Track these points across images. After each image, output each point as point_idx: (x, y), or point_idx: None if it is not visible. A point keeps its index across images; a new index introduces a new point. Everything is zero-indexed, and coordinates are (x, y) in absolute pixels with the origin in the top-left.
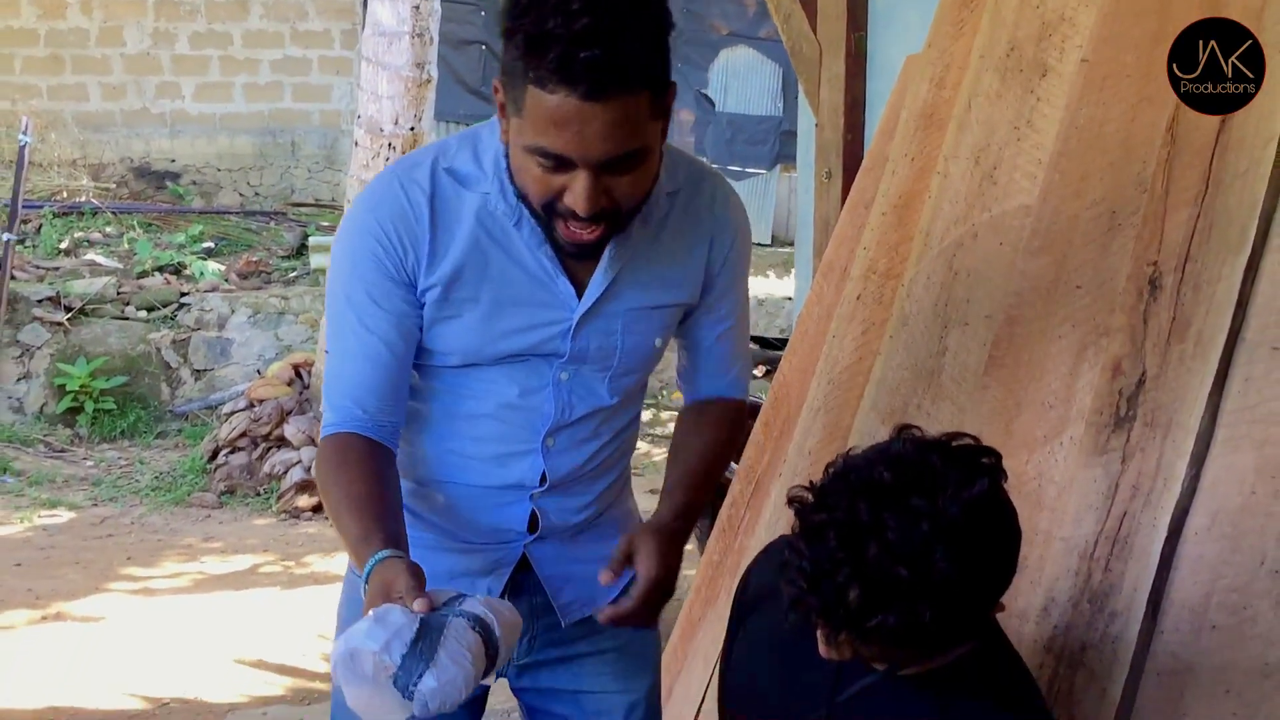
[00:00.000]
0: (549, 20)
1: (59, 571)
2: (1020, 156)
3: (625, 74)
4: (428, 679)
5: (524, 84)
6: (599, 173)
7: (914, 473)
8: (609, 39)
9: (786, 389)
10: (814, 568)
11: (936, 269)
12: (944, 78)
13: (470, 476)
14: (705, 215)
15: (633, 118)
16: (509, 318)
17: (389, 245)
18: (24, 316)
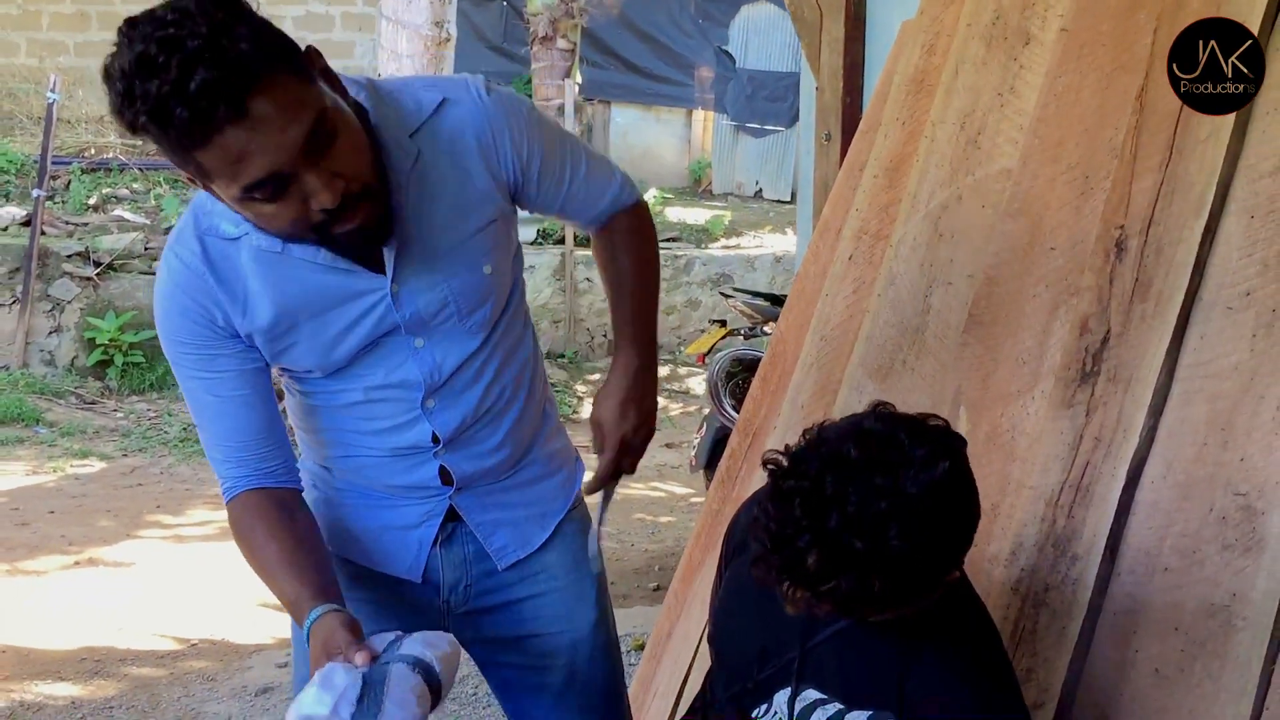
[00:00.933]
0: (150, 86)
1: (91, 519)
2: (1003, 122)
3: (241, 74)
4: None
5: (186, 153)
6: (312, 164)
7: (880, 451)
8: (203, 60)
9: (783, 345)
10: (778, 530)
11: (923, 230)
12: (934, 44)
13: (369, 448)
14: (464, 133)
15: (285, 103)
16: (332, 324)
17: (194, 308)
18: (54, 271)
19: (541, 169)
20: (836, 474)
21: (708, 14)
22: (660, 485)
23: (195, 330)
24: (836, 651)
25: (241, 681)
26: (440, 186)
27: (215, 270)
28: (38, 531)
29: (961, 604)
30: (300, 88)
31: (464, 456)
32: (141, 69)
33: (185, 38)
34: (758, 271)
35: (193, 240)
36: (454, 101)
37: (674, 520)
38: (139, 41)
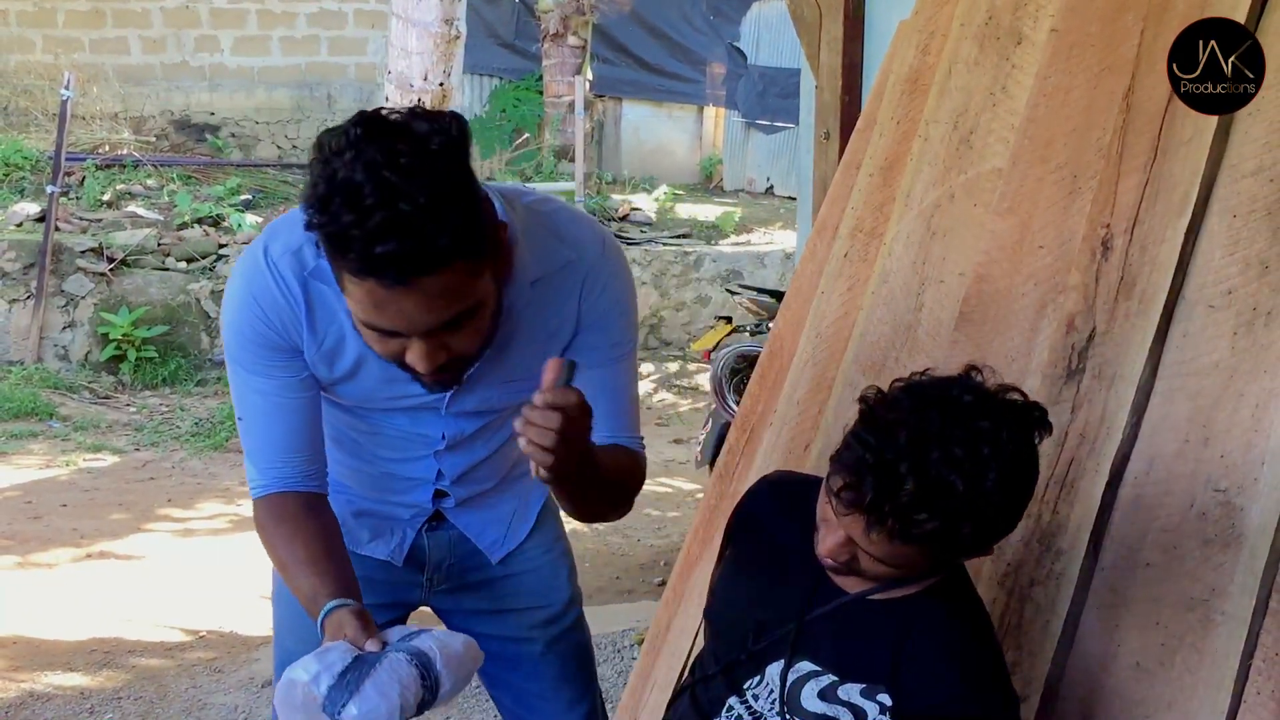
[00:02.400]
0: (344, 216)
1: (102, 512)
2: (995, 122)
3: (431, 259)
4: (350, 708)
5: (339, 269)
6: (432, 336)
7: (986, 402)
8: (408, 230)
9: (781, 342)
10: (877, 458)
11: (916, 229)
12: (929, 44)
13: (369, 467)
14: (571, 291)
15: (451, 289)
16: (387, 389)
17: (270, 324)
18: (68, 267)
19: (598, 339)
20: (943, 413)
21: (719, 10)
22: (667, 480)
23: (263, 337)
24: (833, 626)
25: (249, 673)
26: (532, 328)
27: (308, 302)
28: (50, 524)
29: (958, 586)
30: (468, 279)
31: (460, 487)
32: (348, 195)
33: (399, 197)
34: (768, 268)
35: (298, 268)
36: (578, 263)
37: (680, 515)
38: (360, 166)
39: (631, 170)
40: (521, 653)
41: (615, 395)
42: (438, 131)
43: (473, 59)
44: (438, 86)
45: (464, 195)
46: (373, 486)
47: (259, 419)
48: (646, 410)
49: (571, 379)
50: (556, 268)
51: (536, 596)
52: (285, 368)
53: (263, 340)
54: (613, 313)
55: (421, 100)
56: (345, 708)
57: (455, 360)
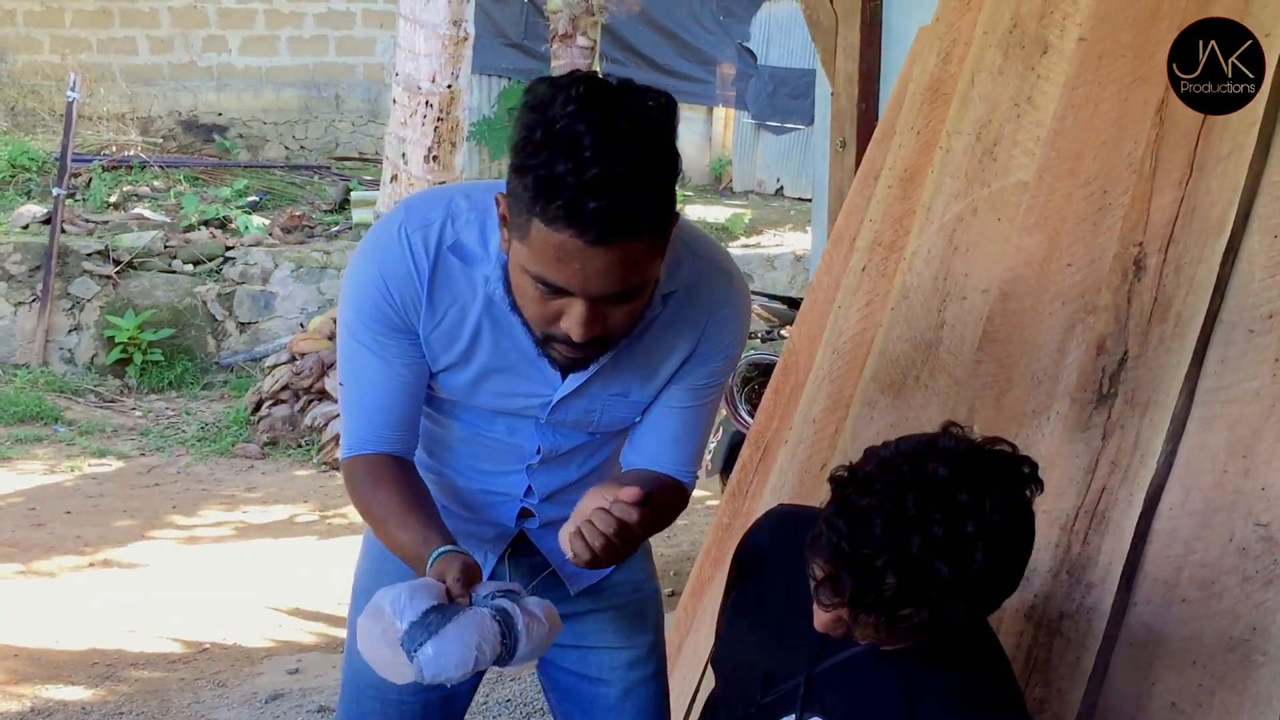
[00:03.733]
0: (559, 164)
1: (106, 519)
2: (1020, 133)
3: (632, 223)
4: (427, 647)
5: (529, 216)
6: (596, 303)
7: (964, 471)
8: (619, 189)
9: (796, 357)
10: (852, 550)
11: (937, 243)
12: (950, 52)
13: (459, 479)
14: (700, 314)
15: (635, 259)
16: (495, 382)
17: (390, 297)
18: (74, 270)
19: (696, 374)
20: (919, 493)
21: (729, 11)
22: None
23: (382, 312)
24: (844, 679)
25: (252, 688)
26: (656, 342)
27: (433, 282)
28: (53, 532)
29: (974, 634)
30: (650, 256)
31: (549, 507)
32: (568, 144)
33: (617, 157)
34: (778, 270)
35: (434, 240)
36: (707, 283)
37: (689, 523)
38: (582, 117)
39: None
40: (597, 694)
41: (694, 430)
42: (655, 106)
43: (481, 59)
44: (445, 88)
45: (669, 171)
46: (460, 501)
47: (363, 388)
48: None
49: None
50: (690, 284)
51: (620, 636)
52: (396, 346)
53: (381, 317)
54: (725, 349)
55: (429, 102)
56: (422, 646)
57: (601, 338)
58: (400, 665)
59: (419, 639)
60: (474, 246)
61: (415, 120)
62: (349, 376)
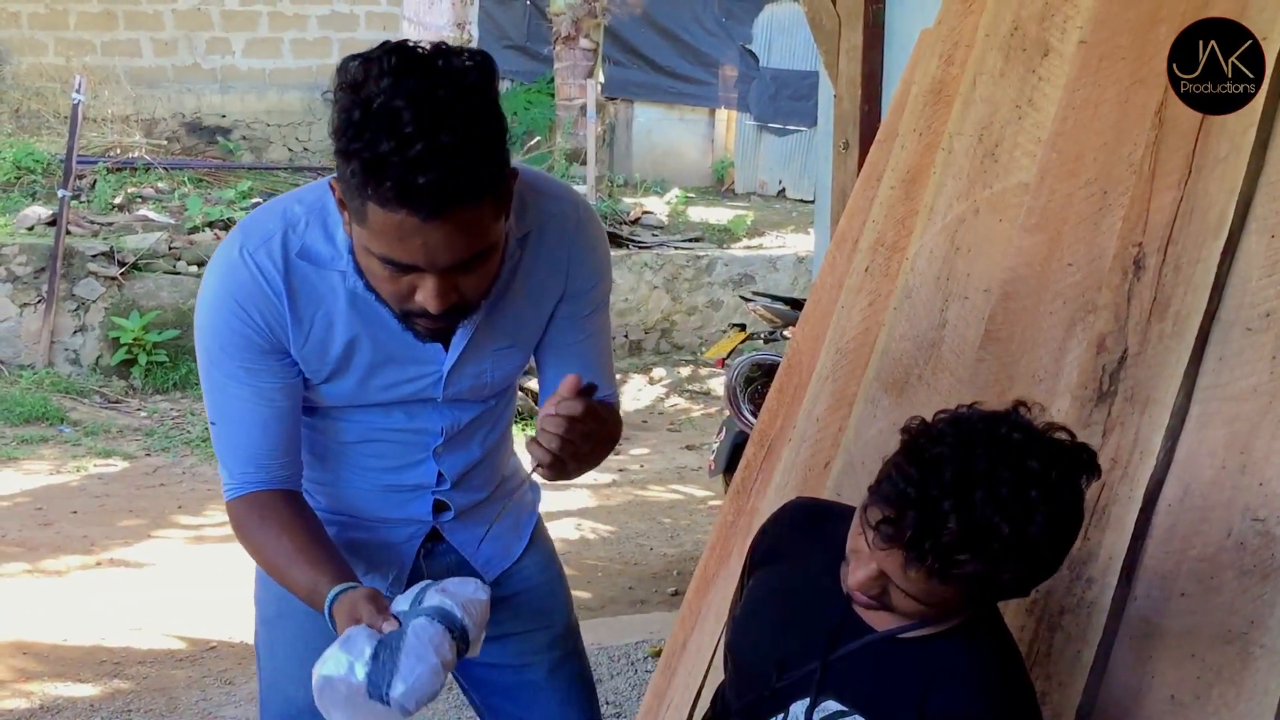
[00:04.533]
0: (382, 144)
1: (113, 519)
2: (1021, 135)
3: (467, 191)
4: (396, 684)
5: (363, 199)
6: (446, 274)
7: (1035, 441)
8: (447, 160)
9: (799, 356)
10: (919, 494)
11: (939, 243)
12: (952, 54)
13: (365, 483)
14: (559, 247)
15: (476, 225)
16: (382, 376)
17: (250, 321)
18: (79, 271)
19: (573, 309)
20: (991, 451)
21: (731, 13)
22: (679, 488)
23: (245, 338)
24: (860, 665)
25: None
26: (522, 289)
27: (290, 291)
28: (60, 531)
29: (989, 623)
30: (491, 218)
31: (459, 493)
32: (387, 122)
33: (440, 127)
34: (780, 272)
35: (279, 253)
36: (558, 216)
37: (692, 523)
38: (399, 92)
39: (643, 173)
40: (522, 680)
41: (598, 350)
42: (472, 66)
43: None
44: None
45: (497, 131)
46: (369, 505)
47: (237, 424)
48: (659, 415)
49: (590, 396)
50: (541, 223)
51: (536, 618)
52: (267, 370)
53: (244, 341)
54: (598, 269)
55: None
56: (392, 685)
57: (460, 305)
58: (379, 713)
59: (382, 682)
60: (321, 247)
61: None
62: (219, 414)
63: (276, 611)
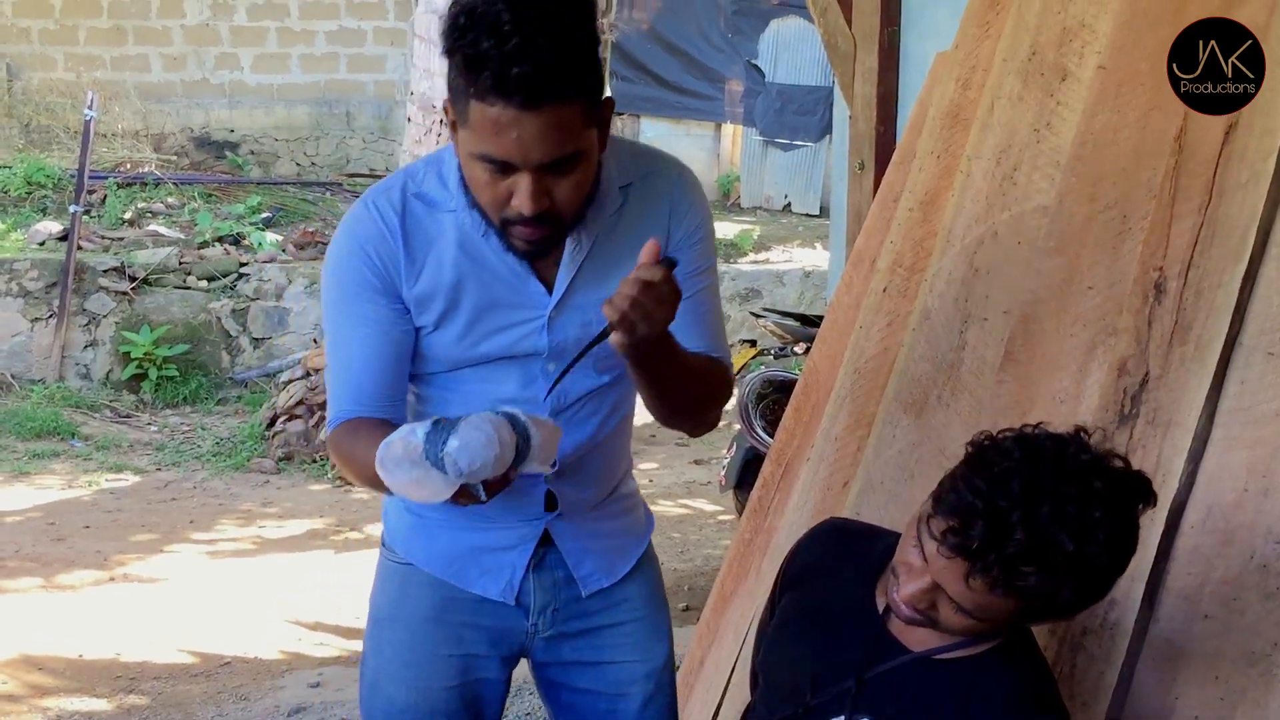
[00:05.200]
0: (483, 42)
1: (125, 534)
2: (1040, 158)
3: (555, 86)
4: (451, 441)
5: (466, 99)
6: (540, 174)
7: (1100, 462)
8: (539, 55)
9: (816, 376)
10: (987, 505)
11: (958, 265)
12: (970, 78)
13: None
14: (661, 201)
15: (567, 124)
16: (487, 321)
17: (370, 261)
18: (90, 286)
19: (689, 260)
20: (1058, 469)
21: (737, 28)
22: (689, 502)
23: (362, 277)
24: (896, 684)
25: (274, 701)
26: (627, 236)
27: (405, 231)
28: (73, 546)
29: (1023, 647)
30: (583, 122)
31: (571, 484)
32: (488, 23)
33: (536, 26)
34: (787, 286)
35: (398, 197)
36: (662, 174)
37: (702, 538)
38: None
39: None
40: (616, 709)
41: (709, 308)
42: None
43: None
44: None
45: (590, 40)
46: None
47: (345, 359)
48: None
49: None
50: (642, 175)
51: (638, 650)
52: (378, 312)
53: (362, 281)
54: (701, 230)
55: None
56: (446, 444)
57: (554, 216)
58: (432, 479)
59: (439, 441)
60: (434, 191)
61: (430, 138)
62: (333, 353)
63: (389, 614)
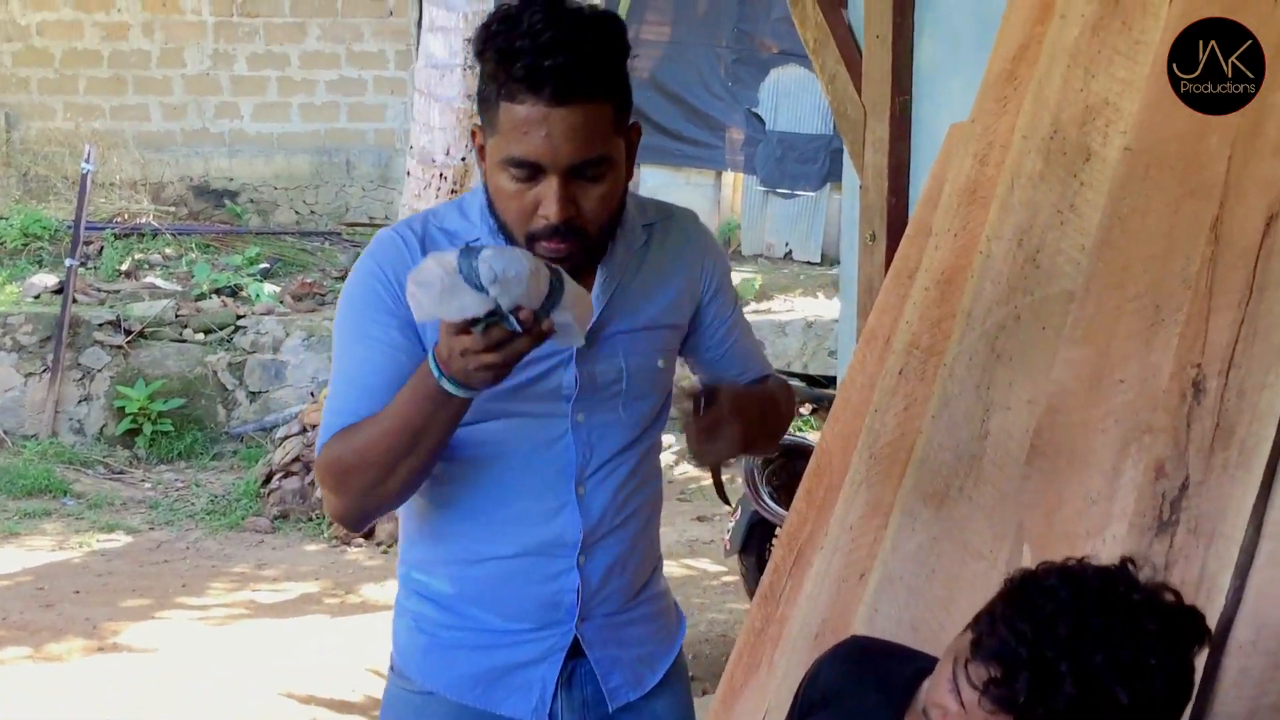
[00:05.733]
0: (517, 38)
1: (116, 598)
2: (1063, 241)
3: (587, 80)
4: (485, 252)
5: (496, 101)
6: (567, 179)
7: (1153, 601)
8: (572, 49)
9: (828, 457)
10: (1032, 653)
11: (979, 349)
12: (987, 154)
13: (506, 545)
14: (685, 245)
15: (596, 124)
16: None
17: (386, 282)
18: (85, 340)
19: (720, 307)
20: (1107, 610)
21: (738, 76)
22: (691, 563)
23: (375, 296)
24: None
25: None
26: (653, 273)
27: (425, 250)
28: (62, 613)
29: None
30: (612, 129)
31: (599, 566)
32: (523, 25)
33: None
34: (789, 337)
35: (419, 226)
36: (679, 218)
37: (706, 601)
38: (531, 9)
39: None
40: None
41: (750, 345)
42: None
43: None
44: (460, 161)
45: (621, 48)
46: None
47: (347, 381)
48: (667, 484)
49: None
50: (664, 216)
51: None
52: (393, 331)
53: (374, 299)
54: (728, 273)
55: (444, 175)
56: (480, 254)
57: (580, 228)
58: (464, 291)
59: (474, 255)
60: (455, 223)
61: (429, 192)
62: (336, 375)
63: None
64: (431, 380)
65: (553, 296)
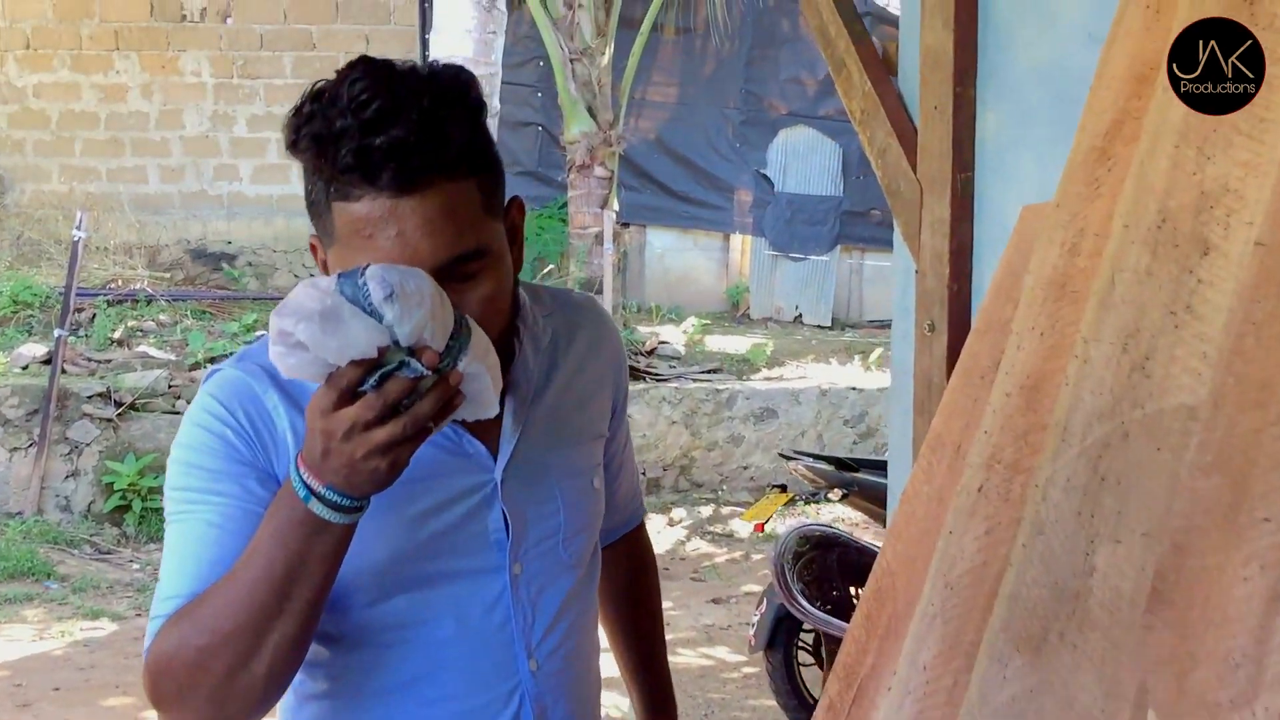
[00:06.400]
0: (337, 117)
1: (97, 697)
2: (1179, 347)
3: (438, 155)
4: (371, 268)
5: (327, 204)
6: (441, 280)
7: None
8: (409, 118)
9: (891, 580)
10: None
11: (1078, 470)
12: (1078, 244)
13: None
14: (602, 343)
15: (459, 210)
16: (420, 498)
17: (238, 428)
18: (73, 413)
19: (619, 431)
20: None
21: (745, 138)
22: (709, 651)
23: (222, 440)
24: None
25: None
26: (571, 374)
27: (280, 385)
28: (40, 715)
29: None
30: (481, 211)
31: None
32: (343, 102)
33: (400, 93)
34: (803, 405)
35: (263, 360)
36: (584, 307)
37: (727, 697)
38: (350, 79)
39: (656, 298)
40: None
41: (632, 471)
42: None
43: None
44: None
45: (471, 106)
46: None
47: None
48: (680, 561)
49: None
50: (569, 314)
51: None
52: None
53: (219, 445)
54: (624, 379)
55: None
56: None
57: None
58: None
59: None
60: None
61: None
62: (171, 549)
63: None
64: (297, 503)
65: (458, 336)
